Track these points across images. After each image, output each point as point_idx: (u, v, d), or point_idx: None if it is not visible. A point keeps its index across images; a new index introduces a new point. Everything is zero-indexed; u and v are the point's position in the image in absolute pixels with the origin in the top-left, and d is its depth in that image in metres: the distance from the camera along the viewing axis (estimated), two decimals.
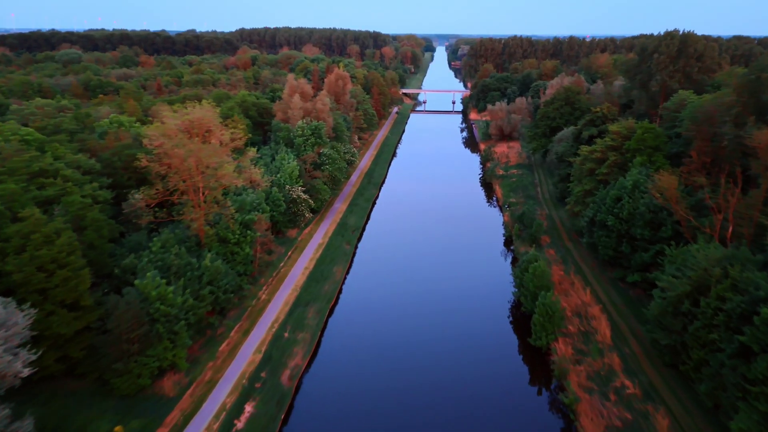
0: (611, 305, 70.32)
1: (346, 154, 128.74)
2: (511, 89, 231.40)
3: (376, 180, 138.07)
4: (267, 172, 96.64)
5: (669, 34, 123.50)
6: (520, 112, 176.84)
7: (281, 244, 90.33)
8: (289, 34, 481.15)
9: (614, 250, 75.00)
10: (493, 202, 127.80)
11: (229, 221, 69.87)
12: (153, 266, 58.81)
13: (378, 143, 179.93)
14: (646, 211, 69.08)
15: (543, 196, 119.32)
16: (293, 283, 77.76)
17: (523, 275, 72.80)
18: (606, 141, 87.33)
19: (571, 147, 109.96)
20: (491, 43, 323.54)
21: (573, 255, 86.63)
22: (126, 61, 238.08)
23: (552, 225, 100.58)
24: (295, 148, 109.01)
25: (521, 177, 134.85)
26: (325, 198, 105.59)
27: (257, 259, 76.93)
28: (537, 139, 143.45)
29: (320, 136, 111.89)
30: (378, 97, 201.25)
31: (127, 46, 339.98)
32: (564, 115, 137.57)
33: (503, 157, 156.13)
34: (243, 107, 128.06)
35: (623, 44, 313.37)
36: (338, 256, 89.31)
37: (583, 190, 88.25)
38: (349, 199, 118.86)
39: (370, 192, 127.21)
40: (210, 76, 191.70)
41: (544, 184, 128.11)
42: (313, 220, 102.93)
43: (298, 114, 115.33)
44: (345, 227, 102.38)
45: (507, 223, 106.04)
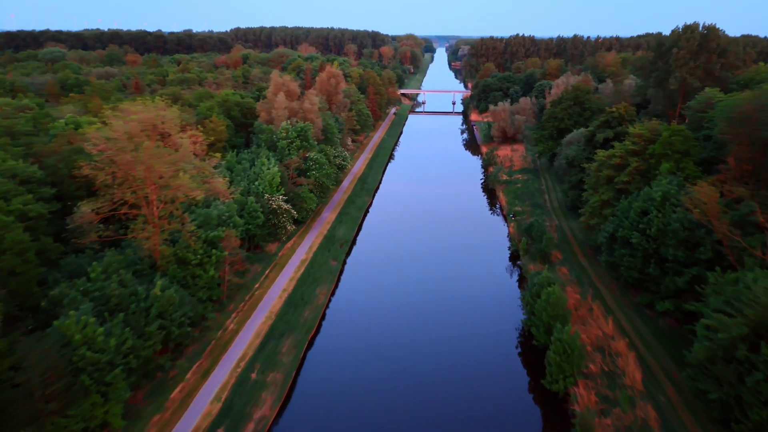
0: (638, 338, 59.90)
1: (337, 158, 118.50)
2: (513, 89, 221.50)
3: (370, 186, 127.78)
4: (244, 179, 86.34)
5: (689, 28, 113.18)
6: (524, 113, 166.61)
7: (258, 260, 79.96)
8: (285, 33, 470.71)
9: (640, 271, 64.65)
10: (497, 210, 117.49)
11: (190, 239, 59.54)
12: (89, 298, 48.60)
13: (373, 146, 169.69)
14: (680, 227, 58.71)
15: (551, 204, 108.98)
16: (268, 308, 67.35)
17: (535, 301, 62.47)
18: (626, 145, 77.04)
19: (583, 151, 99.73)
20: (493, 42, 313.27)
21: (589, 275, 76.25)
22: (112, 60, 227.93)
23: (563, 238, 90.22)
24: (278, 152, 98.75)
25: (527, 183, 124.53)
26: (311, 207, 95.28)
27: (226, 282, 66.58)
28: (543, 141, 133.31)
29: (307, 138, 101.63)
30: (374, 97, 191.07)
31: (118, 45, 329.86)
32: (573, 115, 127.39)
33: (507, 161, 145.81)
34: (224, 107, 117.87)
35: (629, 43, 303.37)
36: (323, 275, 78.93)
37: (599, 201, 77.93)
38: (339, 207, 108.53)
39: (363, 199, 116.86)
40: (196, 74, 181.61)
41: (552, 190, 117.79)
42: (297, 232, 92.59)
43: (283, 114, 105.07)
44: (333, 240, 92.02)
45: (513, 236, 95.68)
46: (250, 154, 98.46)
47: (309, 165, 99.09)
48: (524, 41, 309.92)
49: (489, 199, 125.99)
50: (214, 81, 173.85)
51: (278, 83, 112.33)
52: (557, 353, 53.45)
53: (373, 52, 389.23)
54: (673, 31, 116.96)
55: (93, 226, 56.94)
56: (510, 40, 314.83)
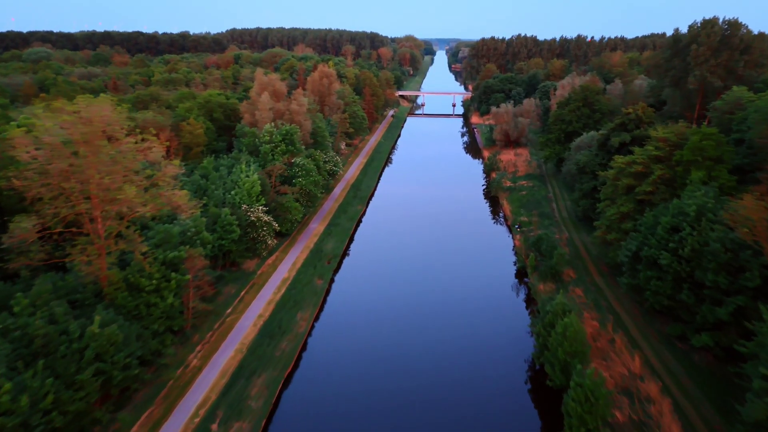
0: (671, 379, 50.92)
1: (327, 164, 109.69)
2: (516, 90, 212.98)
3: (364, 193, 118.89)
4: (220, 187, 77.47)
5: (708, 23, 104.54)
6: (528, 115, 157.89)
7: (233, 280, 71.05)
8: (282, 34, 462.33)
9: (670, 297, 55.75)
10: (500, 220, 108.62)
11: (144, 261, 50.64)
12: (8, 339, 39.75)
13: (369, 149, 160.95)
14: (721, 248, 49.81)
15: (560, 214, 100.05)
16: (239, 339, 58.39)
17: (548, 333, 53.59)
18: (648, 150, 68.19)
19: (595, 156, 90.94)
20: (494, 42, 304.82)
21: (607, 297, 67.28)
22: (99, 60, 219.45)
23: (575, 253, 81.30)
24: (260, 158, 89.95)
25: (532, 190, 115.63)
26: (296, 218, 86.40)
27: (190, 310, 57.63)
28: (550, 145, 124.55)
29: (293, 142, 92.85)
30: (370, 98, 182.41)
31: (109, 46, 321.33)
32: (582, 117, 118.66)
33: (510, 166, 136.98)
34: (206, 108, 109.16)
35: (634, 44, 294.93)
36: (306, 297, 69.97)
37: (618, 213, 69.03)
38: (328, 217, 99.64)
39: (355, 208, 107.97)
40: (183, 75, 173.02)
41: (560, 199, 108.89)
42: (281, 247, 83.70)
43: (267, 116, 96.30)
44: (320, 255, 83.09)
45: (519, 249, 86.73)
46: (230, 160, 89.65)
47: (295, 171, 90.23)
48: (526, 42, 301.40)
49: (491, 207, 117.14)
50: (201, 81, 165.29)
51: (263, 82, 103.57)
52: (578, 401, 44.47)
53: (372, 54, 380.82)
54: (691, 27, 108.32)
55: (28, 246, 48.08)
56: (512, 41, 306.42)
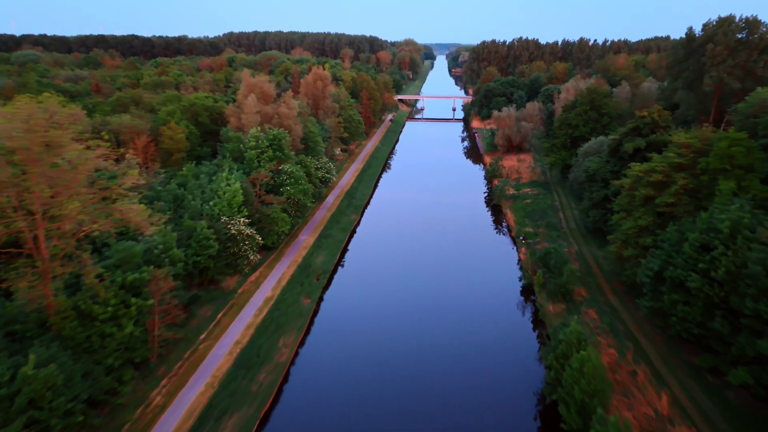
0: (704, 422, 44.14)
1: (319, 171, 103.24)
2: (518, 94, 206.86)
3: (359, 201, 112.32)
4: (198, 197, 70.89)
5: (725, 21, 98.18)
6: (531, 120, 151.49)
7: (210, 300, 64.39)
8: (280, 38, 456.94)
9: (700, 325, 49.10)
10: (503, 230, 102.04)
11: (96, 286, 44.03)
12: None
13: (366, 155, 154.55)
14: (762, 271, 43.17)
15: (568, 224, 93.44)
16: (211, 371, 51.70)
17: (561, 366, 46.97)
18: (669, 157, 61.65)
19: (606, 163, 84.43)
20: (495, 46, 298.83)
21: (624, 321, 60.57)
22: (88, 63, 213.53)
23: (586, 269, 74.64)
24: (245, 164, 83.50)
25: (537, 198, 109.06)
26: (283, 230, 79.82)
27: (155, 339, 50.95)
28: (555, 151, 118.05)
29: (281, 148, 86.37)
30: (367, 102, 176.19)
31: (103, 49, 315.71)
32: (589, 121, 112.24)
33: (513, 173, 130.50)
34: (191, 112, 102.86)
35: (638, 46, 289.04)
36: (290, 319, 63.27)
37: (635, 227, 62.38)
38: (320, 228, 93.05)
39: (349, 218, 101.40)
40: (174, 78, 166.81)
41: (567, 208, 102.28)
42: (265, 262, 77.08)
43: (254, 120, 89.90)
44: (308, 270, 76.46)
45: (524, 264, 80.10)
46: (212, 167, 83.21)
47: (283, 179, 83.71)
48: (528, 45, 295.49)
49: (494, 216, 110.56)
50: (192, 85, 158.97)
51: (250, 84, 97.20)
52: None
53: (370, 57, 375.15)
54: (706, 25, 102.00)
55: None
56: (513, 43, 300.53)
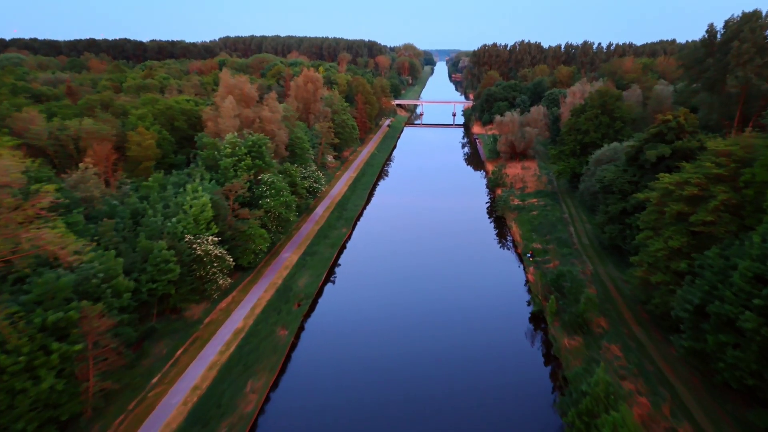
0: None
1: (307, 180, 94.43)
2: (520, 98, 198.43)
3: (350, 213, 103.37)
4: (159, 213, 61.95)
5: (752, 15, 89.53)
6: (535, 125, 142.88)
7: (170, 334, 55.35)
8: (276, 42, 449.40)
9: (755, 375, 40.08)
10: (508, 244, 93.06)
11: (3, 329, 35.10)
12: None
13: (360, 162, 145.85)
14: None
15: (580, 240, 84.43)
16: (158, 428, 42.55)
17: (586, 426, 37.92)
18: (705, 167, 52.78)
19: (624, 172, 75.56)
20: (496, 49, 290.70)
21: (654, 360, 51.46)
22: (73, 66, 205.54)
23: (604, 294, 65.59)
24: (220, 174, 74.72)
25: (545, 210, 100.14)
26: (261, 248, 70.90)
27: (90, 390, 41.84)
28: (563, 158, 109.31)
29: (261, 155, 77.61)
30: (363, 106, 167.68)
31: (94, 53, 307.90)
32: (600, 126, 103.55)
33: (517, 181, 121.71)
34: (167, 116, 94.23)
35: (644, 50, 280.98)
36: (263, 356, 54.18)
37: (666, 248, 53.43)
38: (305, 244, 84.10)
39: (339, 232, 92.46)
40: (159, 81, 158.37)
41: (577, 221, 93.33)
42: (240, 284, 68.09)
43: (231, 124, 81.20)
44: (288, 294, 67.45)
45: (534, 287, 71.04)
46: (183, 177, 74.42)
47: (262, 191, 74.85)
48: (530, 48, 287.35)
49: (497, 228, 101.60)
50: (177, 88, 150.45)
51: (229, 85, 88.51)
52: None
53: (369, 62, 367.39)
54: (729, 21, 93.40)
55: None
56: (515, 47, 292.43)
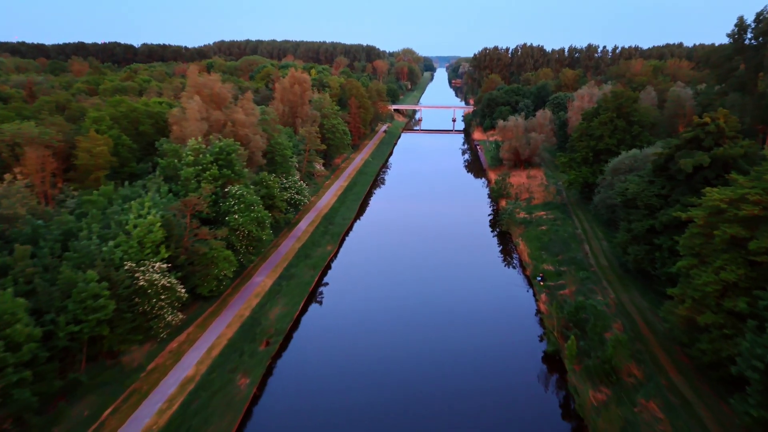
0: None
1: (288, 191, 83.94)
2: (524, 103, 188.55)
3: (338, 228, 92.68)
4: (93, 235, 51.30)
5: None
6: (541, 130, 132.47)
7: (100, 387, 44.53)
8: (272, 47, 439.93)
9: None
10: (514, 263, 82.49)
11: None
12: None
13: (353, 170, 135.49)
14: None
15: (597, 261, 73.73)
16: None
17: None
18: (765, 181, 42.24)
19: (650, 184, 64.99)
20: (497, 53, 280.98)
21: (705, 424, 40.63)
22: (54, 69, 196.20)
23: (632, 329, 54.71)
24: (180, 185, 64.23)
25: (554, 225, 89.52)
26: (226, 275, 60.24)
27: None
28: (574, 167, 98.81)
29: (230, 163, 67.17)
30: (357, 111, 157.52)
31: (83, 57, 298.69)
32: (616, 131, 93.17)
33: (523, 192, 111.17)
34: (130, 119, 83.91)
35: (651, 53, 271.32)
36: (211, 417, 43.23)
37: (718, 282, 42.74)
38: (283, 264, 73.45)
39: (323, 250, 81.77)
40: (139, 83, 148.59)
41: (593, 237, 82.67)
42: (199, 318, 57.38)
43: (198, 128, 70.83)
44: (255, 330, 56.70)
45: (546, 320, 60.18)
46: (138, 189, 63.85)
47: (229, 205, 64.26)
48: (532, 51, 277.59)
49: (502, 245, 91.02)
50: (157, 90, 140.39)
51: (196, 84, 78.12)
52: None
53: (366, 66, 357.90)
54: (761, 15, 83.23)
55: None
56: (516, 51, 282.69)
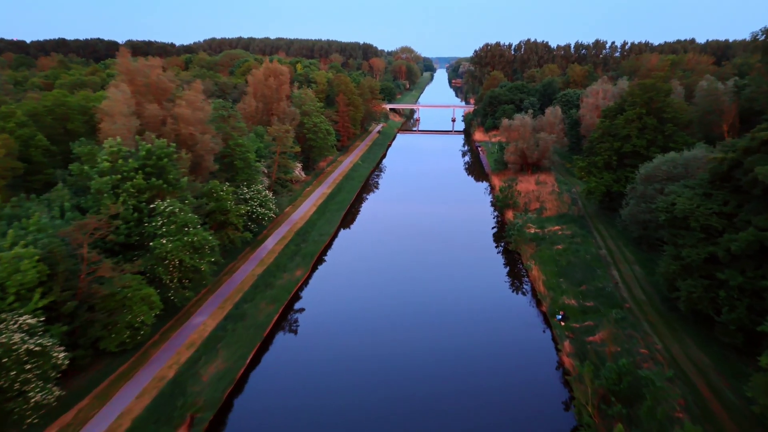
0: None
1: (248, 204, 68.77)
2: (528, 101, 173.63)
3: (312, 246, 77.20)
4: None
5: None
6: (551, 129, 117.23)
7: None
8: (265, 44, 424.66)
9: None
10: (525, 292, 67.36)
11: None
12: None
13: (339, 175, 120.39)
14: None
15: (631, 293, 58.38)
16: None
17: None
18: None
19: (706, 198, 49.82)
20: (499, 49, 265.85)
21: None
22: (21, 64, 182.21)
23: (698, 406, 39.45)
24: (89, 199, 49.07)
25: (572, 243, 74.12)
26: (143, 321, 45.01)
27: None
28: (594, 173, 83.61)
29: (161, 171, 52.02)
30: (345, 109, 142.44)
31: (63, 53, 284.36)
32: (645, 130, 78.05)
33: (532, 200, 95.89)
34: (56, 115, 68.92)
35: (662, 49, 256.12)
36: None
37: None
38: (234, 298, 58.10)
39: (291, 276, 66.39)
40: (102, 78, 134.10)
41: (620, 260, 67.32)
42: (103, 383, 42.23)
43: (125, 125, 55.67)
44: (176, 400, 41.39)
45: (575, 385, 44.77)
46: (40, 206, 48.68)
47: (155, 226, 49.05)
48: (537, 48, 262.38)
49: (509, 266, 75.83)
50: None
51: (129, 71, 62.99)
52: None
53: (362, 64, 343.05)
54: None
55: None
56: (520, 47, 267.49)
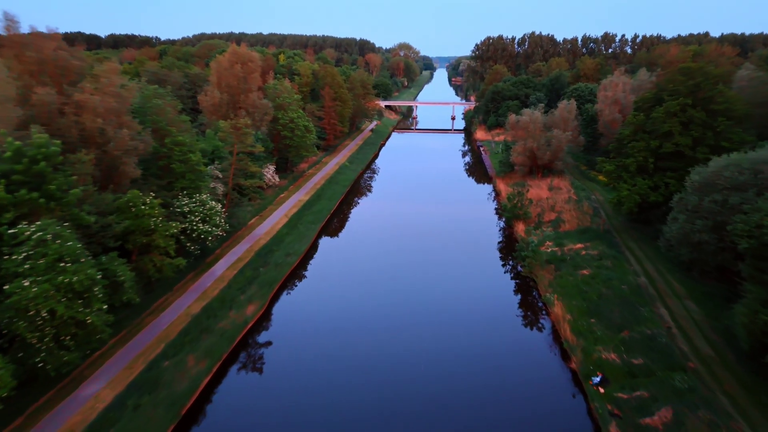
0: None
1: (187, 220, 53.44)
2: (535, 96, 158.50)
3: (273, 272, 61.59)
4: None
5: None
6: (565, 127, 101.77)
7: None
8: (257, 40, 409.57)
9: None
10: (547, 338, 52.15)
11: None
12: None
13: (321, 179, 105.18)
14: None
15: (690, 343, 43.11)
16: None
17: None
18: None
19: None
20: (502, 42, 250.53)
21: None
22: None
23: None
24: None
25: (602, 267, 58.62)
26: None
27: None
28: (625, 179, 68.26)
29: (40, 180, 36.68)
30: (332, 104, 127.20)
31: None
32: (691, 125, 62.73)
33: (546, 210, 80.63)
34: None
35: (678, 42, 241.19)
36: None
37: None
38: (150, 352, 42.70)
39: (237, 314, 50.91)
40: None
41: (666, 292, 51.96)
42: None
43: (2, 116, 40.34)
44: None
45: None
46: None
47: (16, 262, 33.71)
48: (542, 41, 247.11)
49: (522, 295, 60.57)
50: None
51: (14, 42, 47.22)
52: None
53: (358, 60, 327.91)
54: None
55: None
56: (524, 40, 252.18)
